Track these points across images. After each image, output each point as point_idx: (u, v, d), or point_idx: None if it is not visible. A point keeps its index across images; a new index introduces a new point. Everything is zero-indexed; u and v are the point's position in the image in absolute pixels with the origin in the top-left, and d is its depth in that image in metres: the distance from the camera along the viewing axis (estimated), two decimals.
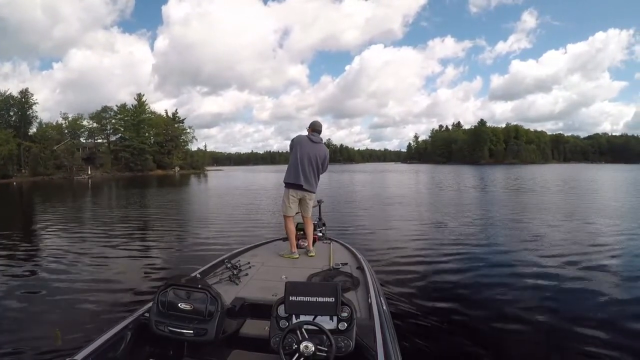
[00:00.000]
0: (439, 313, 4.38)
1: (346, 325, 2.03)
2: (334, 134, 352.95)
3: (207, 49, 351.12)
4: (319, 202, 5.46)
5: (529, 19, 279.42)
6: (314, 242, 4.66)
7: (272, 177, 47.59)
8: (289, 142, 4.73)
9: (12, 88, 65.81)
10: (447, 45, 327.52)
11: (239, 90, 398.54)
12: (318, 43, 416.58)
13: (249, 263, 3.70)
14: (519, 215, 12.23)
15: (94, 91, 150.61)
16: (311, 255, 4.33)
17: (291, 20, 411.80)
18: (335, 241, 4.92)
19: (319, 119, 5.04)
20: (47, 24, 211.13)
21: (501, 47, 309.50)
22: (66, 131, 68.53)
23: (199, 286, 2.31)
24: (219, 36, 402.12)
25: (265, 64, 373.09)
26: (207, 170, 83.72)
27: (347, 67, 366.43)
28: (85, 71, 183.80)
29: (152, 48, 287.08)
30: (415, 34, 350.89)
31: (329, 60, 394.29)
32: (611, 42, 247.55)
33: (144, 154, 71.07)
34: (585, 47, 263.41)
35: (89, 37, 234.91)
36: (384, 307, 2.76)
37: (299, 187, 4.54)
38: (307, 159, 4.51)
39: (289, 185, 4.59)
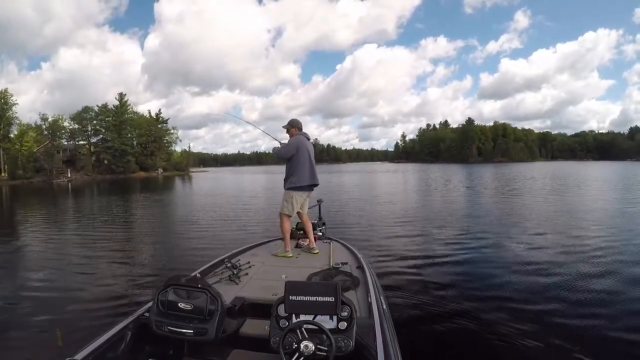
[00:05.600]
0: (439, 312, 4.44)
1: (346, 324, 2.02)
2: (322, 133, 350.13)
3: (199, 48, 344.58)
4: (319, 201, 5.54)
5: (522, 19, 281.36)
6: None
7: (261, 179, 47.20)
8: (278, 143, 4.72)
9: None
10: (439, 45, 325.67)
11: (229, 90, 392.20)
12: (312, 42, 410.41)
13: (248, 263, 3.68)
14: (516, 214, 12.35)
15: (82, 92, 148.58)
16: (315, 253, 4.33)
17: (285, 19, 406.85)
18: (335, 240, 4.89)
19: (308, 118, 4.52)
20: (38, 21, 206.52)
21: (492, 46, 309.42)
22: (46, 132, 66.39)
23: (199, 286, 2.27)
24: (211, 35, 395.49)
25: (257, 63, 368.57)
26: (192, 172, 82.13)
27: (339, 67, 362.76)
28: (74, 71, 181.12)
29: (142, 47, 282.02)
30: (409, 34, 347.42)
31: (322, 59, 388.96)
32: (601, 42, 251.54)
33: (125, 155, 69.44)
34: (575, 47, 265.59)
35: (80, 35, 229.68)
36: (384, 307, 2.74)
37: (314, 186, 4.65)
38: (312, 158, 4.58)
39: (303, 187, 4.55)
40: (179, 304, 2.21)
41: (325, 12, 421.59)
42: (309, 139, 4.67)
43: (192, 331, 2.14)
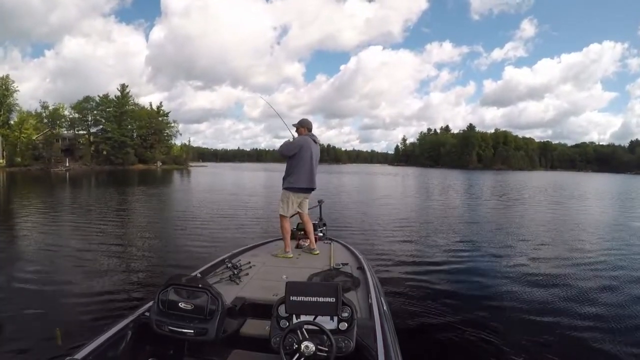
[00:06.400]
0: (439, 313, 4.47)
1: (347, 325, 2.02)
2: (323, 133, 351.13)
3: (203, 43, 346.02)
4: (320, 202, 5.52)
5: (528, 27, 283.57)
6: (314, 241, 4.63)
7: (261, 176, 47.40)
8: (278, 141, 4.69)
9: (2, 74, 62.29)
10: (444, 50, 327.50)
11: (232, 86, 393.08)
12: (317, 42, 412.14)
13: (249, 263, 3.66)
14: (516, 223, 12.34)
15: (85, 81, 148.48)
16: (316, 253, 4.33)
17: (291, 17, 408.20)
18: (336, 241, 4.90)
19: (310, 117, 4.92)
20: (43, 9, 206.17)
21: (497, 53, 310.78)
22: (46, 121, 66.03)
23: (200, 285, 2.27)
24: (216, 30, 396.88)
25: (261, 60, 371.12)
26: (191, 166, 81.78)
27: (343, 67, 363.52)
28: (78, 60, 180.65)
29: (147, 39, 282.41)
30: (414, 37, 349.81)
31: (326, 59, 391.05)
32: (605, 54, 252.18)
33: (125, 147, 69.19)
34: (579, 58, 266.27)
35: (85, 24, 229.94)
36: (385, 308, 2.74)
37: (311, 190, 4.63)
38: (314, 161, 4.54)
39: (299, 189, 4.54)
40: (180, 304, 2.21)
41: (332, 12, 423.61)
42: (316, 142, 4.64)
43: (192, 331, 2.14)
